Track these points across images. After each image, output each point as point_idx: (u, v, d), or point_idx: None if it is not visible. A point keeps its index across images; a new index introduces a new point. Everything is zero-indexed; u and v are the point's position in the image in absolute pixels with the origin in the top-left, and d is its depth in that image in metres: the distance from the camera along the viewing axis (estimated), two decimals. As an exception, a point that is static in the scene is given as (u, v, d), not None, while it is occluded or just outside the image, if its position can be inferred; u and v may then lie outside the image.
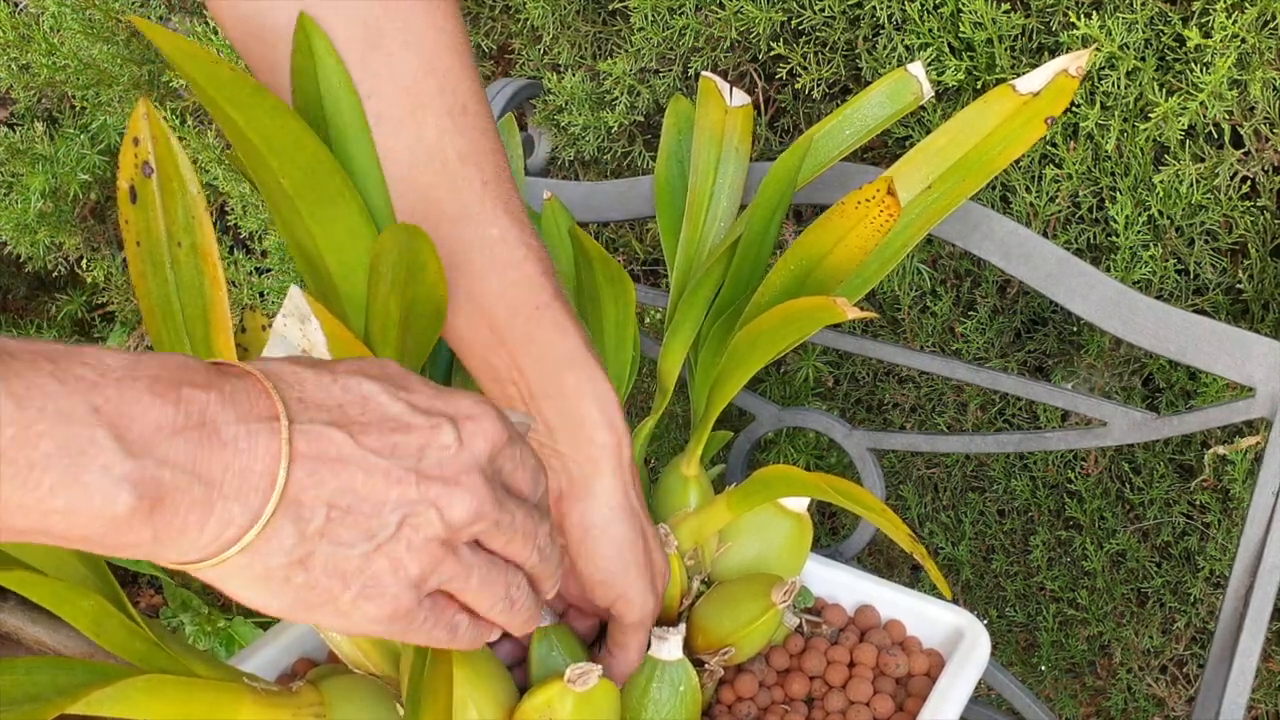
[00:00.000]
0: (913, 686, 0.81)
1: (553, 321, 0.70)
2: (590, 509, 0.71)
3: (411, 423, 0.53)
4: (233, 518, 0.49)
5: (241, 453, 0.49)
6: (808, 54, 1.07)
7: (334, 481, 0.51)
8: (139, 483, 0.46)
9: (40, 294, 1.85)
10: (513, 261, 0.69)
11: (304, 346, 0.64)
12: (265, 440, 0.50)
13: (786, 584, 0.76)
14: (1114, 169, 1.01)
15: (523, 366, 0.69)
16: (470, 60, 0.70)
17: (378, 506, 0.52)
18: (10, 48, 1.39)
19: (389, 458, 0.52)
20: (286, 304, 0.65)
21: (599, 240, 1.15)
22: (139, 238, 0.70)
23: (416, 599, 0.54)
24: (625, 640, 0.75)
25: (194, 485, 0.48)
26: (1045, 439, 0.90)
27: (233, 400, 0.49)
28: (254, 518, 0.49)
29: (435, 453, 0.53)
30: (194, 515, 0.48)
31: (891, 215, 0.72)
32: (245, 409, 0.50)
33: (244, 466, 0.49)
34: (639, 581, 0.73)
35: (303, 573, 0.51)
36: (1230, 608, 0.81)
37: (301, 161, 0.66)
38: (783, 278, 0.77)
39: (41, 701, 0.57)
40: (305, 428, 0.51)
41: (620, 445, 0.71)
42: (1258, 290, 1.02)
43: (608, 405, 0.71)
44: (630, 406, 0.87)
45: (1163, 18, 0.94)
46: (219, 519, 0.49)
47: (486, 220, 0.69)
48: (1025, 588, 1.29)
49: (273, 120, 0.64)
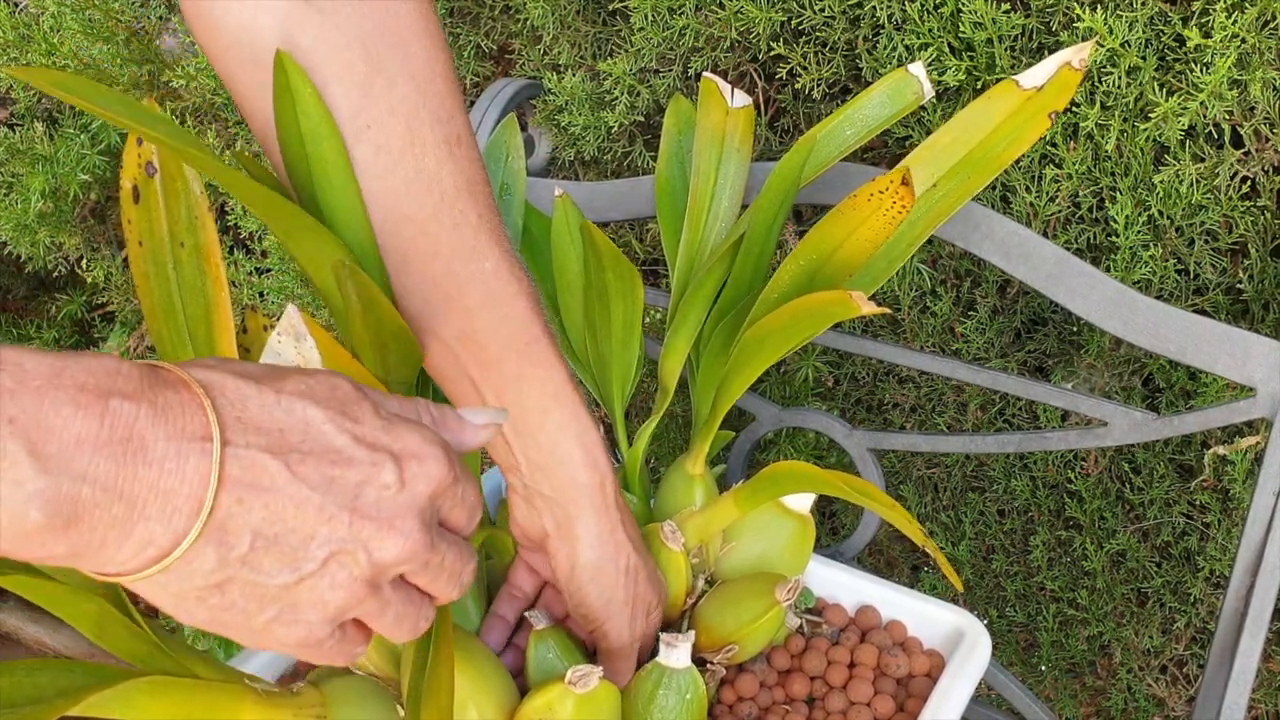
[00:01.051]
0: (913, 687, 0.81)
1: (542, 357, 0.70)
2: (576, 551, 0.72)
3: (353, 457, 0.51)
4: (154, 538, 0.47)
5: (168, 473, 0.47)
6: (808, 54, 1.07)
7: (263, 510, 0.49)
8: (52, 500, 0.45)
9: (40, 294, 1.85)
10: (506, 296, 0.69)
11: (299, 363, 0.64)
12: (195, 461, 0.48)
13: (789, 582, 0.76)
14: (1114, 169, 1.01)
15: (510, 403, 0.69)
16: (460, 89, 0.70)
17: (305, 540, 0.50)
18: (10, 48, 1.39)
19: (324, 492, 0.50)
20: (282, 322, 0.64)
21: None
22: (141, 237, 0.70)
23: (329, 630, 0.53)
24: (610, 664, 0.76)
25: (114, 503, 0.46)
26: (1045, 439, 0.90)
27: (164, 414, 0.47)
28: (176, 540, 0.48)
29: (374, 491, 0.52)
30: (113, 533, 0.46)
31: (905, 207, 0.71)
32: (177, 425, 0.47)
33: (170, 487, 0.47)
34: (619, 617, 0.74)
35: (218, 595, 0.50)
36: (1230, 608, 0.81)
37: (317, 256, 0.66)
38: (792, 273, 0.77)
39: (43, 703, 0.57)
40: (239, 452, 0.49)
41: (603, 484, 0.71)
42: (1258, 290, 1.02)
43: (590, 444, 0.71)
44: (631, 406, 0.87)
45: (1163, 17, 0.94)
46: (139, 539, 0.47)
47: (482, 254, 0.68)
48: (1025, 588, 1.29)
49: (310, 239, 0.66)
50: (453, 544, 0.56)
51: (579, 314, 0.86)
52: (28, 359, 0.45)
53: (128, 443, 0.46)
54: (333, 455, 0.51)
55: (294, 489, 0.50)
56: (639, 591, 0.74)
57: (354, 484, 0.51)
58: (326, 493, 0.50)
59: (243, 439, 0.49)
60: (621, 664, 0.76)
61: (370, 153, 0.66)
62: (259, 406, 0.50)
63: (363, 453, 0.52)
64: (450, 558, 0.55)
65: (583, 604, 0.73)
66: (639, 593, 0.74)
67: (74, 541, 0.46)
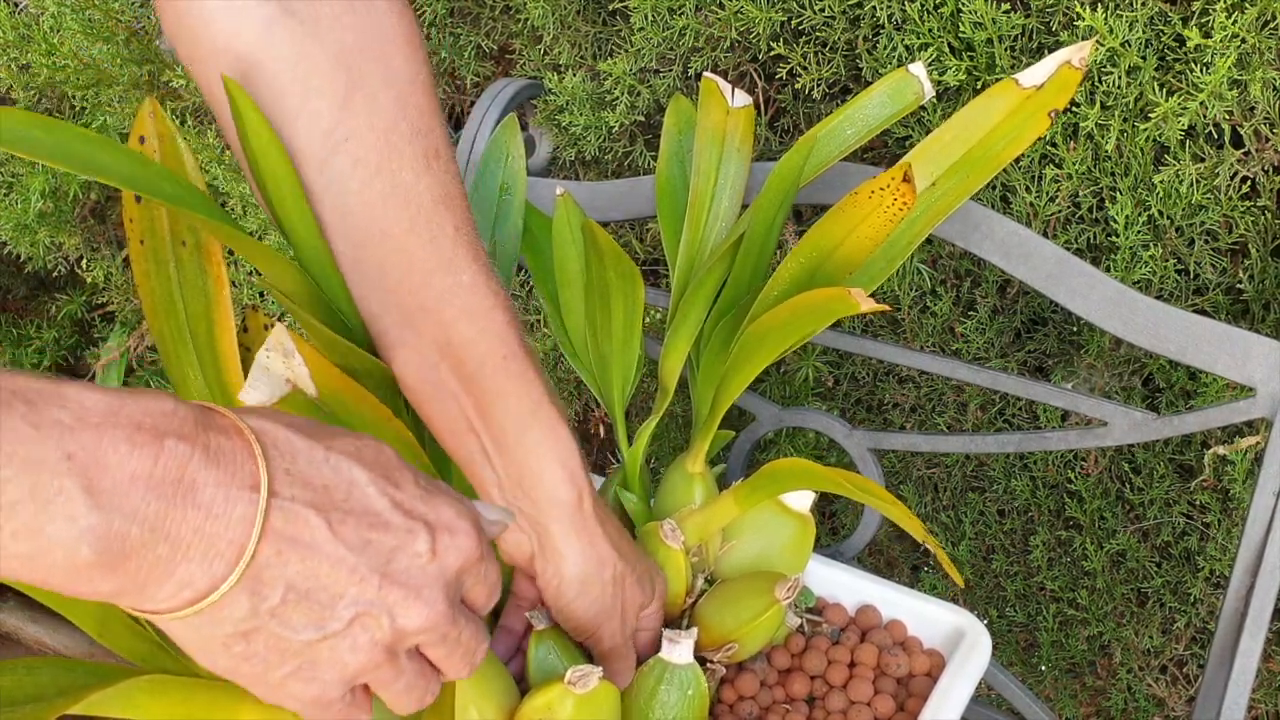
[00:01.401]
0: (914, 686, 0.81)
1: (519, 372, 0.69)
2: (560, 567, 0.72)
3: (390, 522, 0.53)
4: (192, 580, 0.48)
5: (215, 518, 0.48)
6: (808, 54, 1.07)
7: (299, 565, 0.50)
8: (103, 538, 0.45)
9: (40, 294, 1.85)
10: (484, 309, 0.68)
11: (288, 377, 0.64)
12: (242, 510, 0.48)
13: (789, 581, 0.76)
14: (1114, 169, 1.01)
15: (487, 418, 0.69)
16: (438, 103, 0.70)
17: (334, 598, 0.51)
18: (10, 48, 1.39)
19: (359, 553, 0.51)
20: (270, 340, 0.64)
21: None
22: (143, 236, 0.70)
23: (342, 692, 0.54)
24: (609, 665, 0.76)
25: (159, 544, 0.47)
26: (1045, 439, 0.91)
27: (217, 460, 0.48)
28: (214, 585, 0.49)
29: (406, 559, 0.53)
30: (155, 572, 0.47)
31: (906, 203, 0.71)
32: (229, 472, 0.48)
33: (214, 532, 0.48)
34: (609, 624, 0.74)
35: (243, 644, 0.51)
36: (1230, 608, 0.81)
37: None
38: (793, 271, 0.77)
39: (43, 702, 0.57)
40: (284, 505, 0.50)
41: (580, 499, 0.71)
42: (1258, 290, 1.02)
43: (568, 460, 0.70)
44: (632, 406, 0.87)
45: (1163, 17, 0.94)
46: (179, 580, 0.48)
47: (459, 267, 0.68)
48: (1025, 588, 1.29)
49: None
50: (470, 620, 0.57)
51: (580, 313, 0.86)
52: (88, 395, 0.46)
53: (179, 484, 0.47)
54: (372, 517, 0.52)
55: (332, 547, 0.51)
56: (628, 597, 0.74)
57: (389, 549, 0.52)
58: (361, 554, 0.51)
59: (289, 491, 0.50)
60: (619, 664, 0.76)
61: (348, 165, 0.66)
62: (308, 461, 0.51)
63: (400, 519, 0.53)
64: (467, 634, 0.56)
65: (571, 617, 0.74)
66: (628, 598, 0.74)
67: (120, 579, 0.47)
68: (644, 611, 0.77)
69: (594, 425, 1.47)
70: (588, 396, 1.35)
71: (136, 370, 1.77)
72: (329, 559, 0.51)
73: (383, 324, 0.68)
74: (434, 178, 0.67)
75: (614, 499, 0.86)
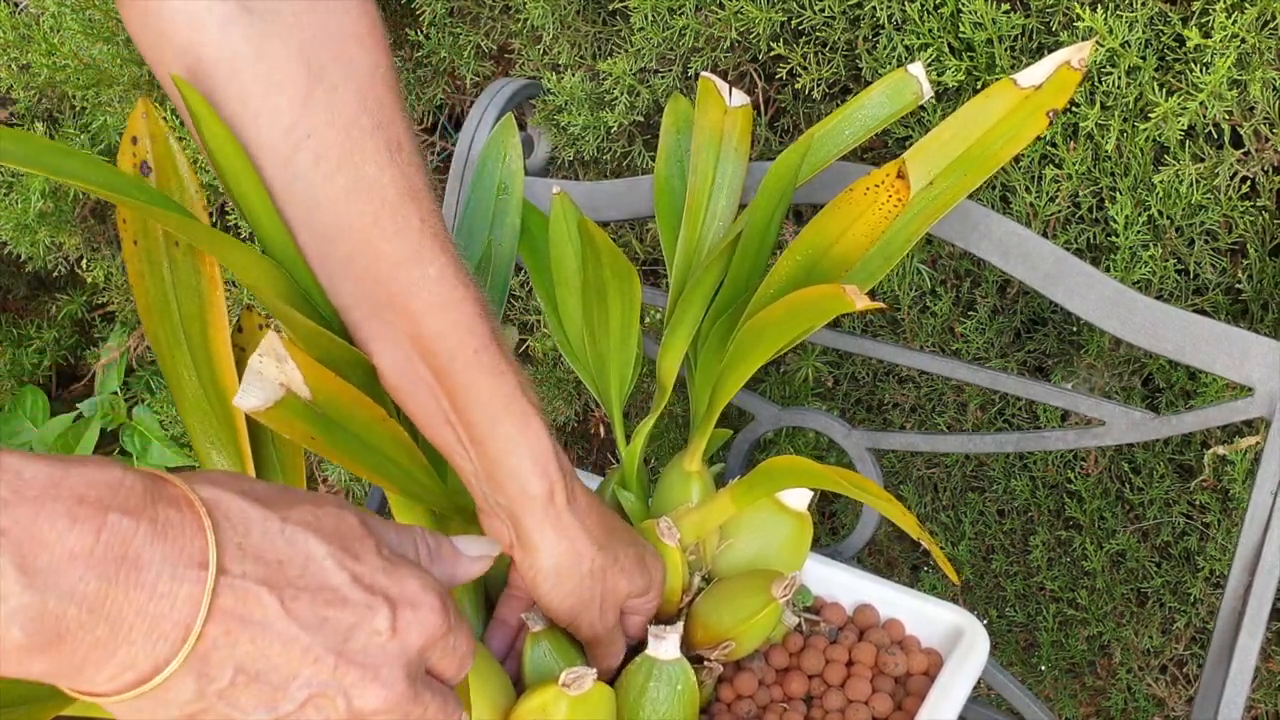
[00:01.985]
0: (911, 685, 0.81)
1: (491, 366, 0.69)
2: (536, 560, 0.72)
3: (349, 597, 0.51)
4: (135, 662, 0.46)
5: (160, 597, 0.46)
6: (808, 54, 1.07)
7: (249, 645, 0.48)
8: (36, 618, 0.43)
9: (40, 294, 1.85)
10: (453, 302, 0.68)
11: (282, 381, 0.64)
12: (188, 589, 0.46)
13: (786, 579, 0.76)
14: (1114, 169, 1.01)
15: (461, 411, 0.68)
16: (402, 94, 0.69)
17: (286, 680, 0.49)
18: (10, 48, 1.39)
19: (314, 632, 0.50)
20: (263, 345, 0.64)
21: (599, 240, 1.15)
22: (136, 237, 0.70)
23: None
24: (592, 652, 0.77)
25: (99, 625, 0.45)
26: (1045, 439, 0.90)
27: (164, 534, 0.46)
28: (157, 667, 0.47)
29: (364, 637, 0.51)
30: (94, 654, 0.45)
31: (901, 200, 0.71)
32: (175, 548, 0.46)
33: (158, 612, 0.46)
34: (586, 614, 0.74)
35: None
36: (1229, 607, 0.81)
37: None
38: (789, 268, 0.77)
39: (37, 703, 0.57)
40: (235, 583, 0.48)
41: (553, 493, 0.71)
42: (1257, 290, 1.02)
43: (540, 453, 0.70)
44: (628, 407, 0.87)
45: (1163, 17, 0.94)
46: (120, 662, 0.46)
47: (426, 259, 0.67)
48: (1025, 588, 1.29)
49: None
50: (438, 693, 0.55)
51: (577, 312, 0.86)
52: (27, 466, 0.44)
53: (122, 561, 0.45)
54: (328, 594, 0.50)
55: (283, 625, 0.49)
56: (607, 588, 0.74)
57: (345, 627, 0.51)
58: (316, 633, 0.50)
59: (240, 568, 0.48)
60: (601, 650, 0.77)
61: (310, 161, 0.65)
62: (262, 534, 0.50)
63: (359, 594, 0.51)
64: (433, 709, 0.54)
65: (550, 608, 0.74)
66: (607, 589, 0.74)
67: (54, 661, 0.45)
68: (638, 600, 0.77)
69: (594, 425, 1.47)
70: (587, 396, 1.35)
71: (136, 370, 1.78)
72: (280, 638, 0.49)
73: (354, 316, 0.68)
74: (398, 170, 0.67)
75: (612, 498, 0.86)
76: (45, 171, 0.56)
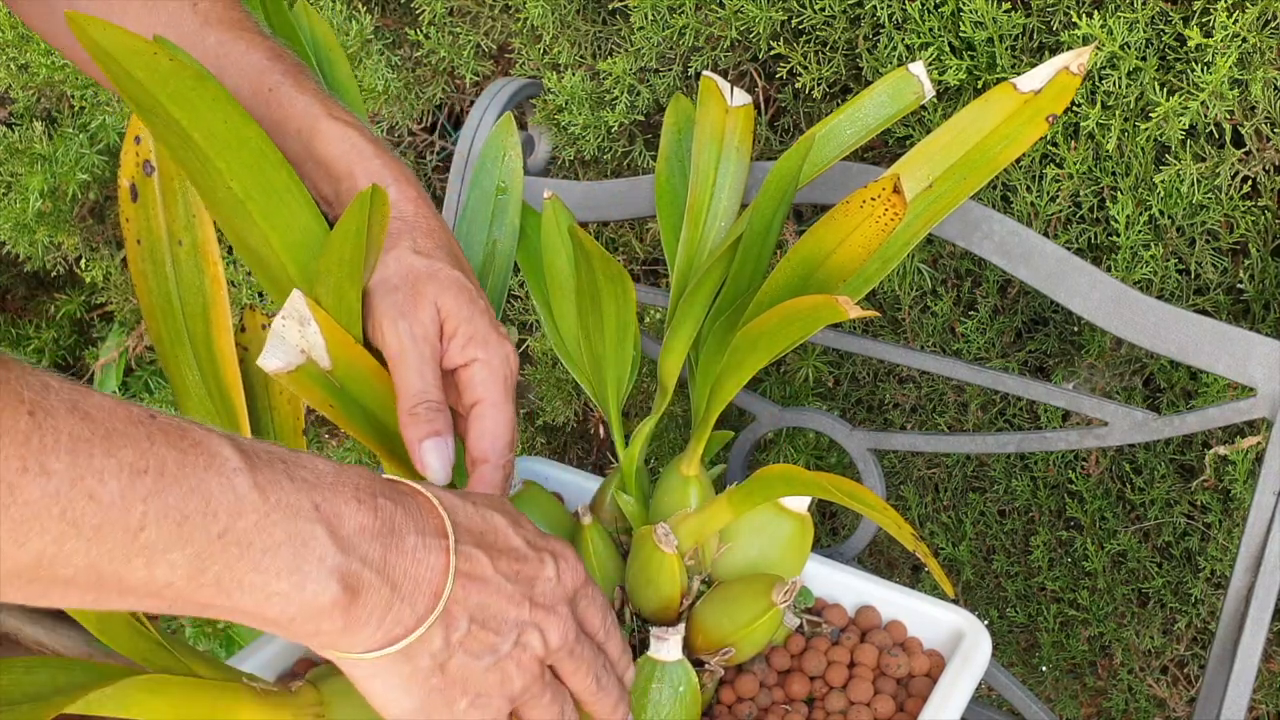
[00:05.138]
0: (914, 687, 0.81)
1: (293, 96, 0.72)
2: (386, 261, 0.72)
3: (528, 554, 0.61)
4: (402, 619, 0.55)
5: (418, 562, 0.55)
6: (808, 53, 1.07)
7: (477, 597, 0.58)
8: (345, 576, 0.53)
9: (39, 294, 1.85)
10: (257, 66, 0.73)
11: (303, 347, 0.65)
12: (436, 554, 0.56)
13: (787, 584, 0.76)
14: (1115, 169, 1.00)
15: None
16: None
17: (501, 624, 0.59)
18: (9, 47, 1.39)
19: (514, 583, 0.59)
20: (286, 306, 0.65)
21: (599, 240, 1.15)
22: (139, 236, 0.70)
23: (506, 715, 0.61)
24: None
25: (383, 585, 0.54)
26: (1046, 439, 0.90)
27: (412, 514, 0.56)
28: (419, 621, 0.56)
29: (543, 584, 0.61)
30: (377, 612, 0.54)
31: (897, 214, 0.71)
32: (422, 523, 0.56)
33: (419, 575, 0.55)
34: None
35: (440, 676, 0.57)
36: (1231, 608, 0.81)
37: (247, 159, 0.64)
38: (786, 276, 0.77)
39: (41, 701, 0.57)
40: (462, 548, 0.57)
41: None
42: (1259, 290, 1.02)
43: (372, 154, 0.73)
44: (630, 406, 0.87)
45: (1164, 17, 0.94)
46: (394, 618, 0.55)
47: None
48: (1026, 588, 1.29)
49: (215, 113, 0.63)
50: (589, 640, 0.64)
51: (572, 316, 0.86)
52: (319, 463, 0.54)
53: (392, 533, 0.55)
54: (515, 553, 0.61)
55: (496, 579, 0.59)
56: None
57: (530, 577, 0.61)
58: (515, 583, 0.60)
59: (463, 537, 0.58)
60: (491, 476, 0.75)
61: None
62: (465, 513, 0.60)
63: (533, 552, 0.62)
64: (589, 651, 0.64)
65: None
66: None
67: (350, 618, 0.53)
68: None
69: (594, 425, 1.47)
70: (587, 396, 1.35)
71: (135, 370, 1.77)
72: (496, 590, 0.58)
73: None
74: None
75: (611, 501, 0.86)
76: None
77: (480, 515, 0.61)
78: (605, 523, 0.85)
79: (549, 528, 0.86)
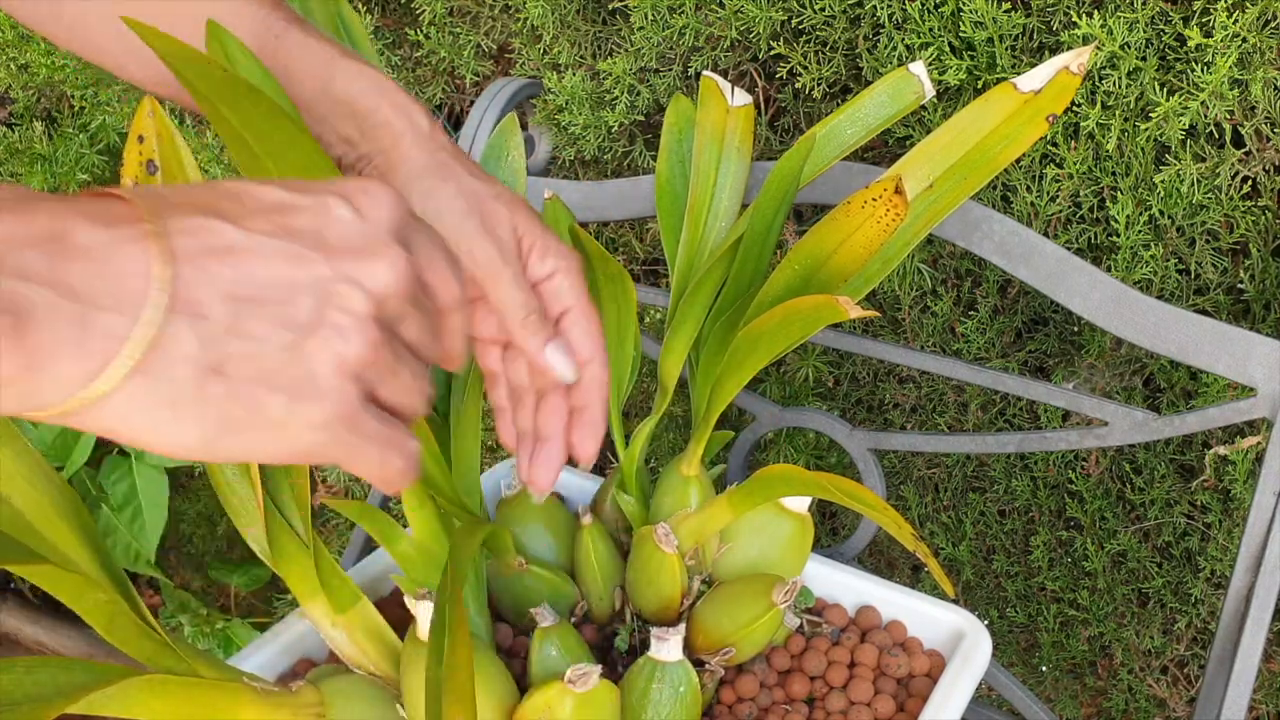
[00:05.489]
0: (914, 687, 0.81)
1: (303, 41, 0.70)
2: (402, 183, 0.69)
3: (296, 204, 0.48)
4: (112, 329, 0.43)
5: (108, 260, 0.43)
6: (808, 53, 1.07)
7: (229, 272, 0.45)
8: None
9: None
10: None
11: None
12: (134, 242, 0.44)
13: (787, 584, 0.76)
14: (1115, 169, 1.01)
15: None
16: None
17: (288, 291, 0.46)
18: (9, 47, 1.39)
19: (285, 238, 0.47)
20: None
21: (599, 240, 1.15)
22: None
23: (359, 397, 0.48)
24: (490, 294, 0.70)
25: (59, 300, 0.42)
26: (1046, 439, 0.90)
27: (85, 210, 0.44)
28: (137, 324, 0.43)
29: (335, 228, 0.48)
30: (67, 332, 0.42)
31: (899, 215, 0.71)
32: (100, 214, 0.44)
33: (114, 272, 0.43)
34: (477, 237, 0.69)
35: (220, 381, 0.45)
36: (1231, 608, 0.81)
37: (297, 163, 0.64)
38: (787, 277, 0.77)
39: (42, 701, 0.57)
40: (180, 222, 0.45)
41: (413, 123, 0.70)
42: (1259, 290, 1.02)
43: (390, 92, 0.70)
44: (630, 407, 0.87)
45: (1164, 17, 0.94)
46: (99, 332, 0.43)
47: None
48: (1026, 588, 1.29)
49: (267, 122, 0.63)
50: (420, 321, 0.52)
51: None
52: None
53: (55, 239, 0.43)
54: (275, 209, 0.48)
55: (255, 243, 0.46)
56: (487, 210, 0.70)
57: (311, 227, 0.48)
58: (288, 239, 0.47)
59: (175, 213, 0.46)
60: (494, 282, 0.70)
61: None
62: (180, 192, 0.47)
63: (304, 199, 0.48)
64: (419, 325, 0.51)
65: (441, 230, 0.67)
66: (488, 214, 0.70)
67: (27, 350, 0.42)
68: None
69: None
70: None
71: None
72: (257, 254, 0.46)
73: None
74: None
75: (611, 501, 0.86)
76: None
77: (208, 187, 0.48)
78: (606, 523, 0.86)
79: (549, 528, 0.86)
